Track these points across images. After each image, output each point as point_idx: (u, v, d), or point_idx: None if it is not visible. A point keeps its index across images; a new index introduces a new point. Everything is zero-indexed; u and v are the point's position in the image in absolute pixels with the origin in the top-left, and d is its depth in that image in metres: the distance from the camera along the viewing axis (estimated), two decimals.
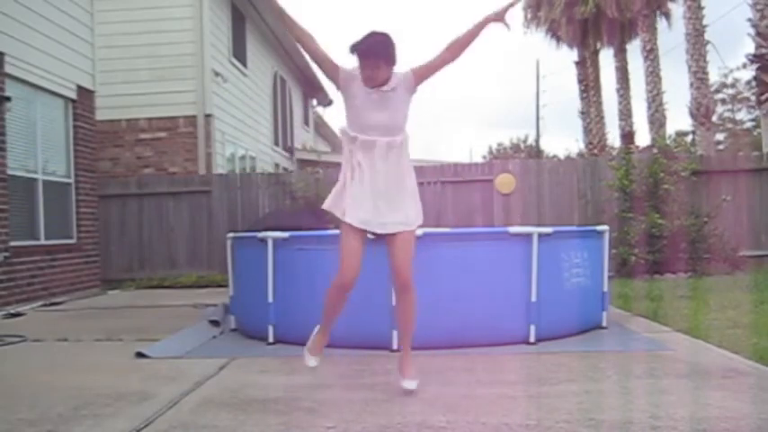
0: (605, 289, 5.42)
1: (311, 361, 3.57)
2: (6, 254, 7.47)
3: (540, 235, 4.72)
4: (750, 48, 15.35)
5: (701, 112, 15.98)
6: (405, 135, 3.49)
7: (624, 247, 9.27)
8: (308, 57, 3.59)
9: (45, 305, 7.76)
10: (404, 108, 3.49)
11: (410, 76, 3.46)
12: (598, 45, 21.10)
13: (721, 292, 7.20)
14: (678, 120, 74.54)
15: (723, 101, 40.47)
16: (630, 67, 21.08)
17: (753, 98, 22.03)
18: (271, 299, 4.85)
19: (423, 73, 3.47)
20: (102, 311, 7.29)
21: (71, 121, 9.09)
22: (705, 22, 16.11)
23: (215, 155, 11.66)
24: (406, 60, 3.50)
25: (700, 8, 16.00)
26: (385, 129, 3.41)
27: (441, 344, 4.46)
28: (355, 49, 3.35)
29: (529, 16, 22.07)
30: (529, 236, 4.71)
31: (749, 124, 39.47)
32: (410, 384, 3.41)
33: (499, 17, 3.45)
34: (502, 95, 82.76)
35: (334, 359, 4.29)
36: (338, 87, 3.49)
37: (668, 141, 13.20)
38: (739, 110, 41.07)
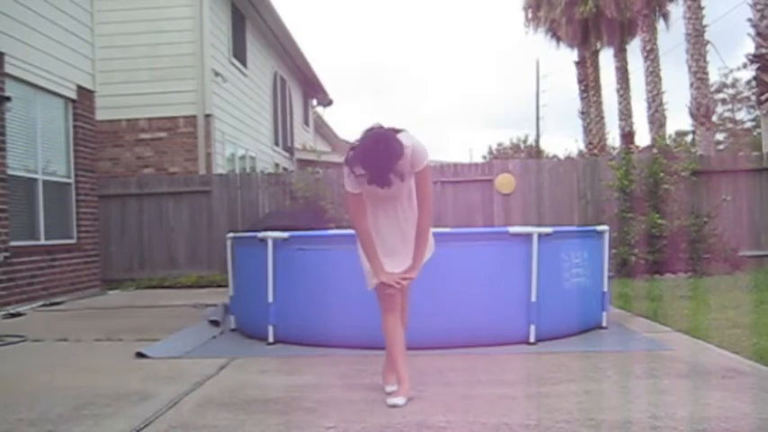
0: (605, 289, 5.42)
1: (387, 387, 3.48)
2: (6, 254, 7.47)
3: (540, 235, 4.72)
4: (750, 48, 15.36)
5: (700, 112, 15.98)
6: (410, 188, 3.39)
7: (624, 247, 9.27)
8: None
9: (45, 305, 7.76)
10: (406, 184, 3.33)
11: (414, 161, 3.23)
12: (598, 45, 21.09)
13: (721, 292, 7.20)
14: (678, 120, 74.59)
15: (723, 101, 40.48)
16: (630, 67, 21.09)
17: (753, 98, 22.02)
18: (271, 299, 4.84)
19: (416, 176, 3.33)
20: (102, 311, 7.29)
21: (71, 121, 9.09)
22: (705, 22, 16.12)
23: (215, 155, 11.66)
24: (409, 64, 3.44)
25: (700, 8, 16.01)
26: (390, 195, 3.36)
27: (441, 344, 4.46)
28: (366, 176, 3.17)
29: (529, 16, 22.07)
30: (529, 236, 4.71)
31: (749, 124, 39.48)
32: (398, 401, 3.28)
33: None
34: (502, 95, 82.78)
35: (335, 359, 4.29)
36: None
37: (668, 141, 13.22)
38: (739, 110, 41.09)
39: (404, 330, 3.52)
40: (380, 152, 3.11)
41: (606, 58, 37.65)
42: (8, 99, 7.54)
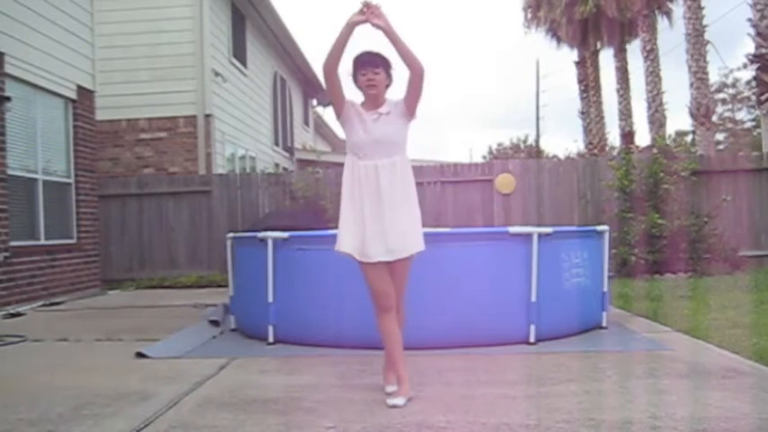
0: (605, 289, 5.42)
1: (387, 387, 3.47)
2: (6, 254, 7.47)
3: (540, 235, 4.72)
4: (750, 48, 15.36)
5: (700, 112, 15.98)
6: (402, 159, 3.49)
7: (624, 247, 9.27)
8: (325, 83, 3.57)
9: (45, 305, 7.76)
10: (399, 131, 3.49)
11: (401, 103, 3.51)
12: (598, 45, 21.08)
13: (721, 292, 7.20)
14: (678, 120, 74.53)
15: (723, 101, 40.50)
16: (630, 67, 21.08)
17: (753, 98, 22.02)
18: (271, 299, 4.84)
19: (407, 98, 3.49)
20: (102, 311, 7.29)
21: (71, 121, 9.09)
22: (705, 22, 16.12)
23: (215, 155, 11.66)
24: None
25: (700, 8, 16.00)
26: (382, 150, 3.44)
27: (441, 344, 4.46)
28: (358, 59, 3.47)
29: (529, 16, 22.06)
30: (529, 236, 4.71)
31: (749, 124, 39.49)
32: (398, 401, 3.26)
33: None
34: (502, 95, 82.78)
35: (335, 359, 4.29)
36: (340, 116, 3.54)
37: (668, 141, 13.23)
38: (739, 110, 41.12)
39: (400, 330, 3.51)
40: (376, 51, 3.50)
41: (606, 58, 37.69)
42: (8, 99, 7.54)
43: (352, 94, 3.59)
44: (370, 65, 3.45)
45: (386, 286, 3.40)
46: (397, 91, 3.55)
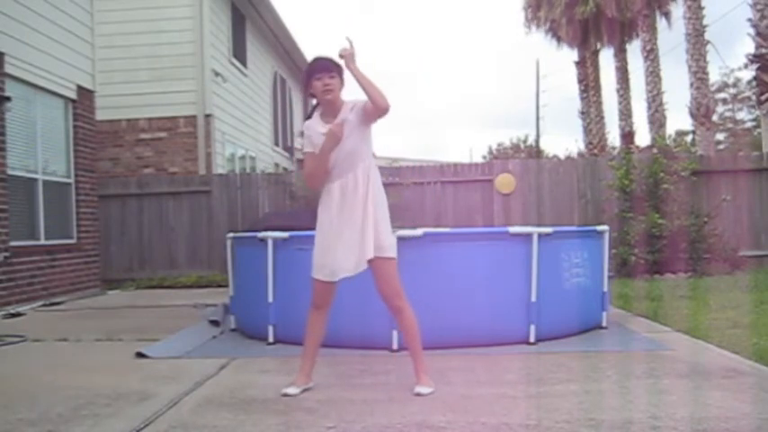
0: (605, 289, 5.42)
1: (290, 389, 3.48)
2: (6, 254, 7.47)
3: (540, 235, 4.72)
4: (750, 47, 15.37)
5: (701, 112, 15.98)
6: (366, 165, 3.50)
7: (624, 247, 9.27)
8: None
9: (45, 305, 7.76)
10: (358, 136, 3.48)
11: (361, 106, 3.48)
12: (598, 45, 21.10)
13: (721, 292, 7.20)
14: (678, 120, 74.51)
15: (724, 101, 40.50)
16: (630, 67, 21.10)
17: (753, 98, 22.02)
18: (271, 299, 4.84)
19: (367, 111, 3.47)
20: (102, 311, 7.29)
21: (71, 121, 9.09)
22: (705, 22, 16.12)
23: (215, 155, 11.67)
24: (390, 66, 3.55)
25: (700, 8, 16.00)
26: (343, 162, 3.47)
27: (441, 344, 4.45)
28: (313, 65, 3.56)
29: (529, 16, 22.07)
30: (529, 236, 4.71)
31: (749, 124, 39.48)
32: (421, 389, 3.42)
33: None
34: (502, 95, 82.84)
35: (335, 359, 4.29)
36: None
37: (668, 141, 13.23)
38: (740, 109, 41.11)
39: (415, 343, 3.52)
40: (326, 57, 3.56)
41: (606, 58, 37.66)
42: (8, 99, 7.54)
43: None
44: (325, 70, 3.49)
45: (326, 287, 3.52)
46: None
